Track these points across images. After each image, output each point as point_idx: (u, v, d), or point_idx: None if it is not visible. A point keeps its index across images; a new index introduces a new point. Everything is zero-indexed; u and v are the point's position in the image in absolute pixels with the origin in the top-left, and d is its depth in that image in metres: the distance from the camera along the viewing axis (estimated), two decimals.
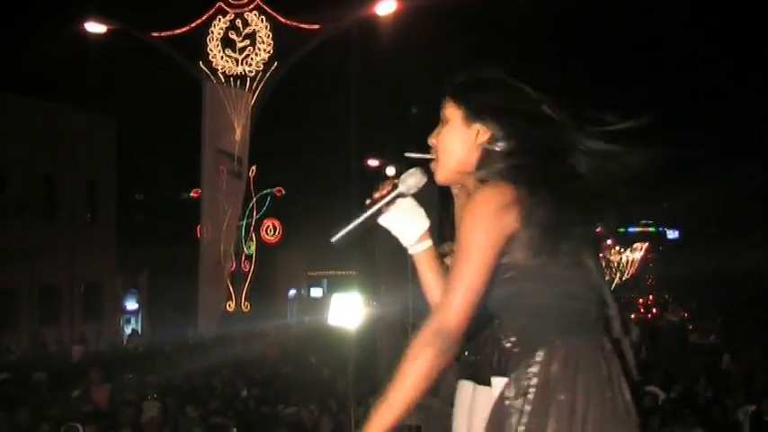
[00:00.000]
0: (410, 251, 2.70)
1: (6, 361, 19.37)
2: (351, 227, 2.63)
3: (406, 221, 2.67)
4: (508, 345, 2.45)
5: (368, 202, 2.66)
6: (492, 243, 2.33)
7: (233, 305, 26.19)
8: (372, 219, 2.65)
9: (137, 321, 33.96)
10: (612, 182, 2.43)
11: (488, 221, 2.32)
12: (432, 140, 2.61)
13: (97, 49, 26.65)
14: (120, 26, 24.90)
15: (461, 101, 2.54)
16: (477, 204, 2.36)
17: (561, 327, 2.38)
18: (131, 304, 33.90)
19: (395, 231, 2.69)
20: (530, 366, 2.38)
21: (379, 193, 2.66)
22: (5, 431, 9.20)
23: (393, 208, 2.65)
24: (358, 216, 2.63)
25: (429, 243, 2.69)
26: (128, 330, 32.22)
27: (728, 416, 11.47)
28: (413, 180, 2.63)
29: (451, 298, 2.33)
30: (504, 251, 2.36)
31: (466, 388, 4.08)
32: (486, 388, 3.91)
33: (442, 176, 2.59)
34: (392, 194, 2.64)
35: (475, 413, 3.89)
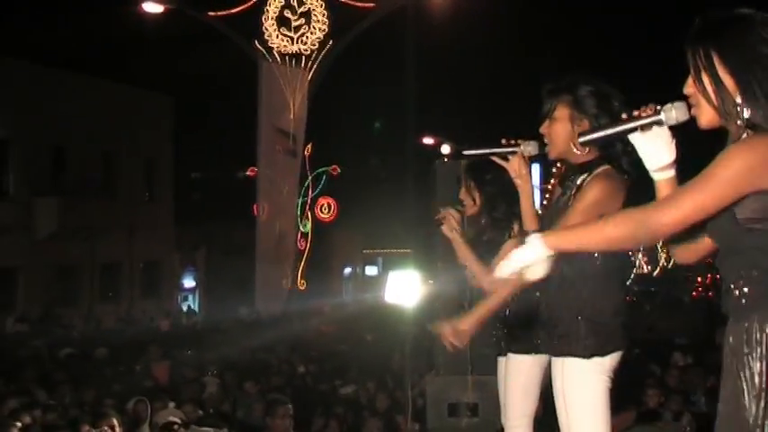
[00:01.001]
0: (652, 175, 2.76)
1: (69, 337, 19.72)
2: (602, 133, 2.82)
3: (656, 147, 2.72)
4: (737, 293, 2.50)
5: (624, 116, 2.75)
6: (737, 182, 2.38)
7: (290, 283, 26.37)
8: (625, 133, 2.75)
9: (194, 299, 34.35)
10: None
11: (746, 162, 2.38)
12: (688, 90, 2.63)
13: (154, 29, 26.88)
14: (176, 5, 25.09)
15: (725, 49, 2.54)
16: (744, 143, 2.41)
17: None
18: (189, 282, 34.28)
19: (642, 153, 2.76)
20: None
21: (639, 112, 2.73)
22: (70, 405, 9.37)
23: (648, 132, 2.71)
24: (611, 126, 2.77)
25: (672, 173, 2.74)
26: (185, 308, 32.63)
27: None
28: (676, 113, 2.68)
29: (674, 202, 2.46)
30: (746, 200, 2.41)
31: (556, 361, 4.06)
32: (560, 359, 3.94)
33: (705, 120, 2.60)
34: (651, 119, 2.70)
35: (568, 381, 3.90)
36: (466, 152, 4.20)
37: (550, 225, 3.95)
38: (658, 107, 2.70)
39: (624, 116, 2.74)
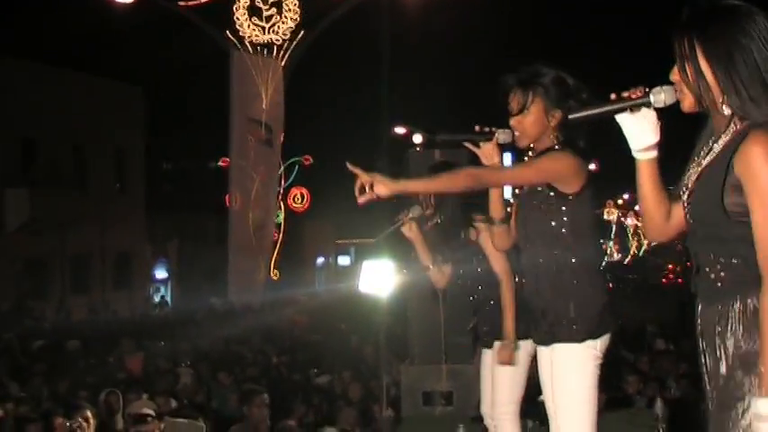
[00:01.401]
0: (635, 155, 2.82)
1: (40, 329, 19.60)
2: (590, 112, 2.88)
3: (641, 128, 2.78)
4: (712, 276, 2.57)
5: (613, 96, 2.81)
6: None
7: (263, 273, 26.32)
8: (612, 113, 2.82)
9: (166, 290, 34.23)
10: None
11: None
12: (674, 77, 2.67)
13: (125, 19, 26.68)
14: None
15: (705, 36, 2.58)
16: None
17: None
18: (161, 273, 34.15)
19: (627, 133, 2.81)
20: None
21: (627, 94, 2.79)
22: (44, 397, 9.33)
23: (637, 112, 2.78)
24: (600, 106, 2.84)
25: (654, 154, 2.80)
26: (157, 299, 32.51)
27: None
28: (664, 96, 2.75)
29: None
30: None
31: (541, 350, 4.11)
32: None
33: (687, 105, 2.66)
34: (640, 101, 2.77)
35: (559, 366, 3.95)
36: (440, 137, 4.23)
37: (524, 213, 4.05)
38: (647, 89, 2.76)
39: (614, 96, 2.80)
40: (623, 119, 2.79)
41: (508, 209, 4.38)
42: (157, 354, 12.99)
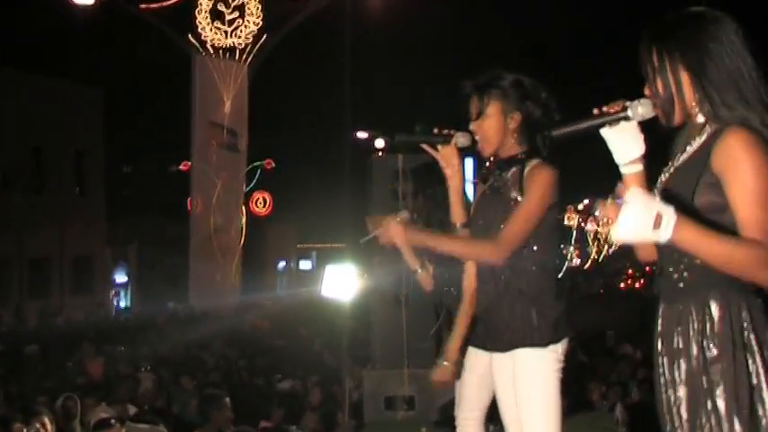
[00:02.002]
0: (621, 169, 2.84)
1: None
2: (573, 128, 2.89)
3: (624, 142, 2.81)
4: (675, 276, 2.61)
5: (595, 112, 2.83)
6: None
7: (225, 277, 26.19)
8: (594, 128, 2.84)
9: (126, 294, 33.97)
10: None
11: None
12: (648, 90, 2.71)
13: (85, 21, 26.46)
14: None
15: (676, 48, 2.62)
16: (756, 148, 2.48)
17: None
18: (121, 277, 33.88)
19: (611, 147, 2.84)
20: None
21: (607, 108, 2.82)
22: (1, 402, 9.22)
23: (617, 126, 2.80)
24: (581, 122, 2.86)
25: (640, 167, 2.82)
26: (118, 303, 32.26)
27: None
28: (642, 109, 2.78)
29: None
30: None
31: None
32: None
33: (664, 117, 2.69)
34: (619, 115, 2.80)
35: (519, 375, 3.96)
36: (398, 138, 4.20)
37: (483, 219, 4.04)
38: (627, 103, 2.79)
39: (596, 111, 2.82)
40: (605, 133, 2.81)
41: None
42: (118, 358, 12.89)
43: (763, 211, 2.42)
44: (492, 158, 4.04)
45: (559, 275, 4.51)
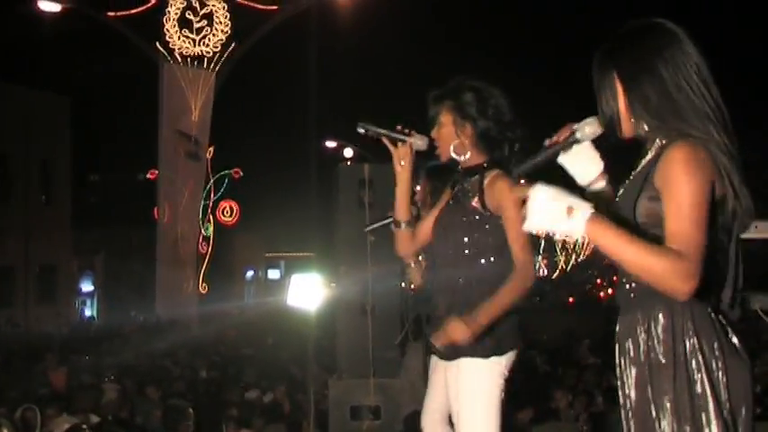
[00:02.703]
0: (587, 190, 2.93)
1: None
2: (532, 163, 2.93)
3: (581, 163, 2.91)
4: (627, 287, 2.66)
5: (547, 143, 2.90)
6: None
7: (191, 287, 26.06)
8: (552, 158, 2.92)
9: (92, 303, 33.72)
10: None
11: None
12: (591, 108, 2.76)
13: (51, 29, 26.29)
14: (74, 5, 24.57)
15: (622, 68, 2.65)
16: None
17: None
18: (87, 286, 33.64)
19: (571, 171, 2.94)
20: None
21: (557, 137, 2.89)
22: None
23: (571, 150, 2.89)
24: (537, 156, 2.93)
25: (602, 184, 2.91)
26: (84, 312, 32.01)
27: None
28: (589, 129, 2.85)
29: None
30: None
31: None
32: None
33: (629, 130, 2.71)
34: (569, 140, 2.88)
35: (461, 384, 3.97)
36: (362, 125, 4.18)
37: (444, 224, 4.07)
38: (574, 126, 2.85)
39: (546, 143, 2.88)
40: (563, 160, 2.89)
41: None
42: (82, 368, 12.77)
43: (689, 225, 2.43)
44: (459, 168, 4.06)
45: None
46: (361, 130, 4.13)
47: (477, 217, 3.92)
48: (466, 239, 3.95)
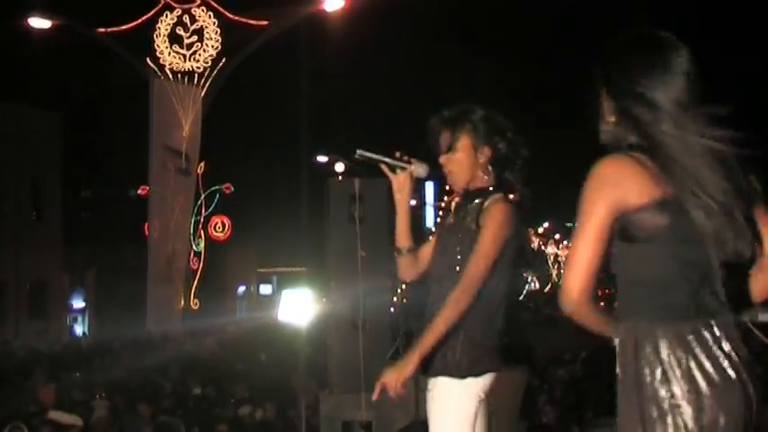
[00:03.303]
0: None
1: None
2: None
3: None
4: (616, 304, 2.76)
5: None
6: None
7: (182, 303, 26.02)
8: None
9: (83, 320, 33.62)
10: None
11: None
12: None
13: (42, 45, 26.30)
14: (64, 21, 24.59)
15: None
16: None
17: None
18: (78, 302, 33.54)
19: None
20: None
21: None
22: None
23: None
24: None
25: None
26: (75, 329, 31.91)
27: None
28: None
29: None
30: None
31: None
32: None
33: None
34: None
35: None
36: (360, 153, 4.18)
37: (443, 246, 4.06)
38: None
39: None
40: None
41: (430, 237, 4.36)
42: (72, 385, 12.71)
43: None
44: (462, 190, 4.06)
45: (513, 305, 4.54)
46: (359, 157, 4.14)
47: (472, 235, 3.92)
48: (460, 256, 3.94)
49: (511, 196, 4.04)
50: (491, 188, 3.96)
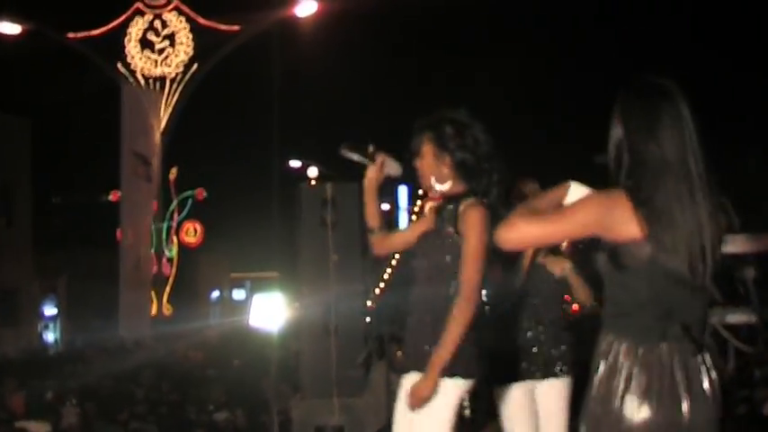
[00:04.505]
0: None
1: None
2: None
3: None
4: (603, 311, 2.90)
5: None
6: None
7: (155, 308, 25.90)
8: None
9: (55, 327, 33.36)
10: None
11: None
12: None
13: (12, 50, 26.11)
14: (34, 26, 24.43)
15: None
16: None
17: None
18: (50, 309, 33.28)
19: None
20: None
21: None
22: None
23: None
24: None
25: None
26: (46, 336, 31.67)
27: None
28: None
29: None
30: None
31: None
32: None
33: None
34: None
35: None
36: (343, 150, 4.35)
37: (427, 249, 4.18)
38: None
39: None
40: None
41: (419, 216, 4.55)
42: (43, 392, 12.61)
43: None
44: (441, 196, 4.21)
45: (502, 316, 4.67)
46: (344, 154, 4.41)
47: (451, 240, 4.05)
48: (441, 260, 4.07)
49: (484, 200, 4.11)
50: (463, 194, 4.08)
